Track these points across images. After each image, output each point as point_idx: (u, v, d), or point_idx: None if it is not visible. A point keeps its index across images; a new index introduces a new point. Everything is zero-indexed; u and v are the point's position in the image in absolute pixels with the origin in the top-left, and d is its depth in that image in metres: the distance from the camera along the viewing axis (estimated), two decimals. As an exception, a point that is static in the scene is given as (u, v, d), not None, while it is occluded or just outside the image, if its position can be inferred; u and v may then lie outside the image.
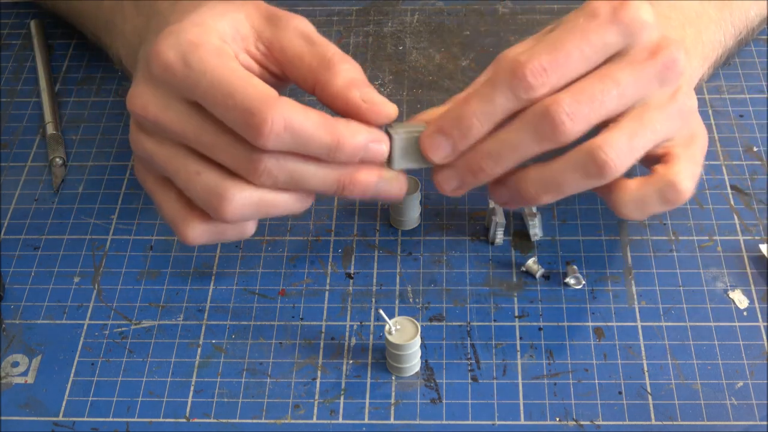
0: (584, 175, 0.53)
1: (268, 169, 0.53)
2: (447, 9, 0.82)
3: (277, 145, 0.52)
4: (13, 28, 0.81)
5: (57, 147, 0.70)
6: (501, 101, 0.54)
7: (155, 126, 0.55)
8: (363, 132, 0.54)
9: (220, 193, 0.54)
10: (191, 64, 0.53)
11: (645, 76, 0.54)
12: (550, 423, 0.55)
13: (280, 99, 0.52)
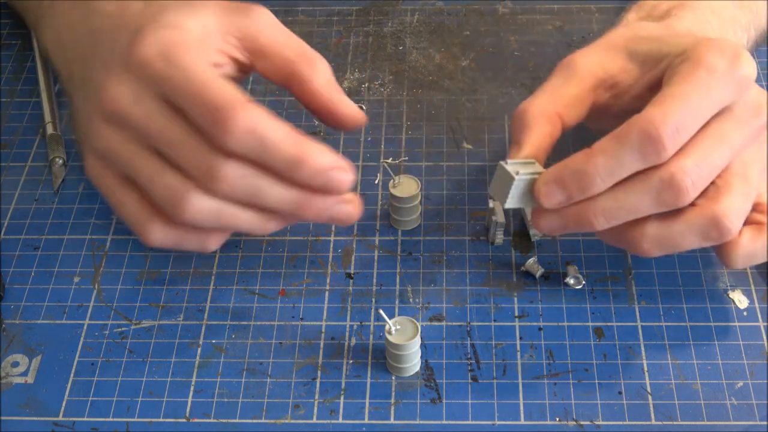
0: (704, 239, 0.54)
1: (228, 175, 0.53)
2: (447, 9, 0.82)
3: (240, 145, 0.52)
4: (13, 28, 0.81)
5: (57, 147, 0.70)
6: (628, 162, 0.53)
7: (123, 119, 0.55)
8: (329, 156, 0.54)
9: (181, 192, 0.54)
10: (171, 59, 0.54)
11: (750, 136, 0.55)
12: (550, 423, 0.55)
13: (251, 104, 0.53)
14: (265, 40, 0.57)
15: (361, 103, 0.73)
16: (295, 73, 0.57)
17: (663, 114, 0.52)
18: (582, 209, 0.54)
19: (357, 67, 0.76)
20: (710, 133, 0.54)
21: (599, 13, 0.81)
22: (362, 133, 0.71)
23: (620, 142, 0.53)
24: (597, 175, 0.53)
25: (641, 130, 0.52)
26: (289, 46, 0.58)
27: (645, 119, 0.52)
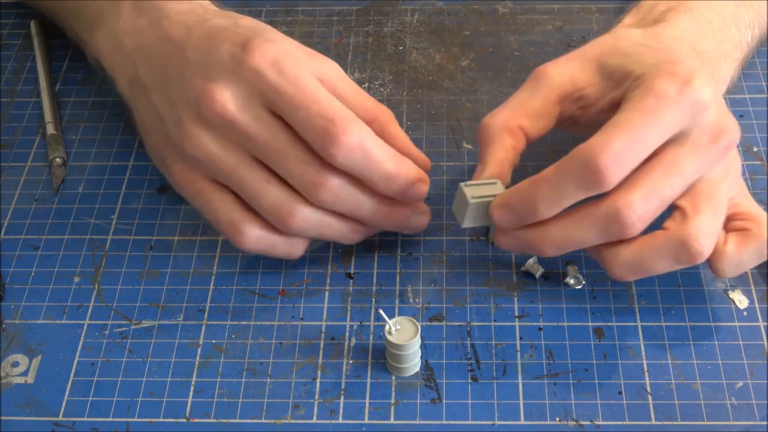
0: (676, 262, 0.55)
1: (333, 188, 0.56)
2: (447, 9, 0.82)
3: (347, 159, 0.55)
4: (13, 28, 0.81)
5: (57, 147, 0.70)
6: (570, 191, 0.54)
7: (228, 126, 0.57)
8: (416, 169, 0.58)
9: (289, 205, 0.57)
10: (284, 70, 0.56)
11: (707, 161, 0.55)
12: (550, 423, 0.55)
13: (359, 121, 0.56)
14: (345, 87, 0.59)
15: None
16: (377, 120, 0.59)
17: (602, 144, 0.52)
18: (533, 237, 0.56)
19: (357, 67, 0.76)
20: (662, 162, 0.54)
21: (599, 13, 0.81)
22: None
23: (562, 171, 0.54)
24: (540, 204, 0.55)
25: (581, 160, 0.53)
26: (366, 96, 0.60)
27: (585, 149, 0.53)
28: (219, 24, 0.60)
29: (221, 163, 0.57)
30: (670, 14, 0.62)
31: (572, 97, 0.59)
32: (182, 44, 0.60)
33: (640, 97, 0.54)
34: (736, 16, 0.65)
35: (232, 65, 0.57)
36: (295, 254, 0.60)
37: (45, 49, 0.78)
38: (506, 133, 0.59)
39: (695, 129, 0.54)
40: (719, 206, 0.55)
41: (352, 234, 0.60)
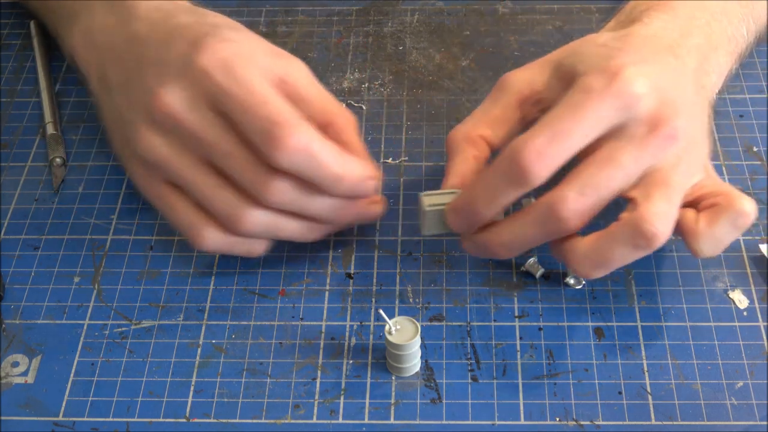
0: (634, 248, 0.54)
1: (279, 190, 0.56)
2: (447, 9, 0.82)
3: (291, 161, 0.55)
4: (13, 28, 0.81)
5: (57, 147, 0.70)
6: (502, 189, 0.55)
7: (176, 128, 0.57)
8: (364, 167, 0.58)
9: (239, 208, 0.57)
10: (232, 71, 0.56)
11: (648, 153, 0.55)
12: (550, 423, 0.55)
13: (305, 123, 0.55)
14: (306, 90, 0.59)
15: (361, 103, 0.74)
16: (334, 124, 0.59)
17: (525, 141, 0.54)
18: (485, 239, 0.58)
19: (357, 67, 0.76)
20: (598, 155, 0.55)
21: (599, 13, 0.81)
22: (362, 133, 0.71)
23: (493, 170, 0.55)
24: (479, 204, 0.56)
25: (507, 158, 0.54)
26: (328, 99, 0.60)
27: (510, 147, 0.54)
28: (181, 21, 0.60)
29: (173, 166, 0.58)
30: (648, 13, 0.62)
31: (531, 101, 0.60)
32: (143, 43, 0.60)
33: (568, 93, 0.55)
34: (726, 11, 0.65)
35: (182, 65, 0.57)
36: (256, 253, 0.60)
37: (45, 49, 0.78)
38: (468, 144, 0.60)
39: (631, 121, 0.54)
40: (672, 191, 0.55)
41: (308, 233, 0.60)
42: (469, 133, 0.61)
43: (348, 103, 0.73)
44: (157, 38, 0.59)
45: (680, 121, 0.55)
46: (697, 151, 0.58)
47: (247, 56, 0.57)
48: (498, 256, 0.59)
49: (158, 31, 0.60)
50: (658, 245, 0.54)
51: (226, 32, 0.58)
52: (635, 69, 0.55)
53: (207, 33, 0.58)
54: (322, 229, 0.61)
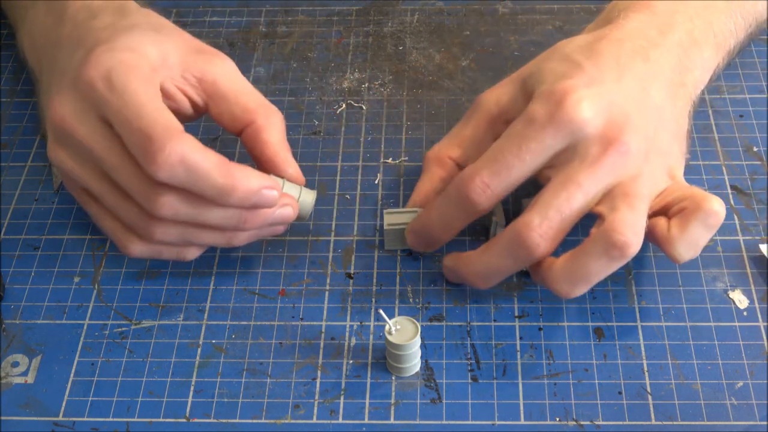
0: (609, 260, 0.55)
1: (166, 203, 0.55)
2: (447, 9, 0.82)
3: (170, 176, 0.54)
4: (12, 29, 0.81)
5: (57, 147, 0.70)
6: (454, 214, 0.58)
7: (69, 139, 0.57)
8: (257, 178, 0.56)
9: (146, 217, 0.56)
10: (113, 83, 0.55)
11: (603, 170, 0.56)
12: (550, 423, 0.55)
13: (183, 134, 0.54)
14: (227, 88, 0.59)
15: (361, 103, 0.74)
16: (253, 123, 0.59)
17: (472, 172, 0.56)
18: (460, 271, 0.59)
19: (357, 67, 0.76)
20: (556, 179, 0.56)
21: (599, 13, 0.80)
22: (362, 133, 0.71)
23: (444, 197, 0.59)
24: (434, 228, 0.60)
25: (455, 187, 0.57)
26: (250, 97, 0.60)
27: (459, 176, 0.57)
28: (96, 24, 0.60)
29: (80, 178, 0.58)
30: (626, 13, 0.62)
31: (501, 120, 0.61)
32: (63, 46, 0.60)
33: (513, 123, 0.57)
34: (710, 6, 0.65)
35: (75, 75, 0.56)
36: (188, 257, 0.60)
37: (45, 49, 0.78)
38: (436, 164, 0.63)
39: (581, 143, 0.56)
40: (635, 200, 0.55)
41: (227, 239, 0.58)
42: (439, 154, 0.63)
43: (348, 103, 0.73)
44: (69, 43, 0.59)
45: (633, 134, 0.56)
46: (660, 160, 0.58)
47: (134, 66, 0.56)
48: (476, 286, 0.60)
49: (75, 35, 0.60)
50: (632, 254, 0.54)
51: (124, 38, 0.57)
52: (580, 93, 0.55)
53: (102, 41, 0.57)
54: (242, 234, 0.59)
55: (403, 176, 0.68)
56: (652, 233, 0.57)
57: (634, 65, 0.59)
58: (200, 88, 0.59)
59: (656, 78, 0.60)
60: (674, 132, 0.60)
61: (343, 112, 0.73)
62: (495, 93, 0.62)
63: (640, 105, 0.58)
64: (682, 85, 0.61)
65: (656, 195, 0.57)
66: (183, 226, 0.57)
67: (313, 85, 0.75)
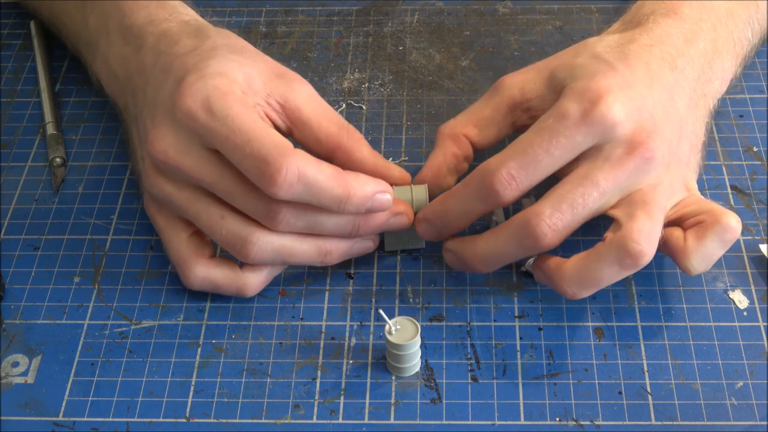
0: (621, 267, 0.55)
1: (285, 219, 0.56)
2: (447, 9, 0.82)
3: (290, 194, 0.54)
4: (13, 28, 0.81)
5: (57, 147, 0.70)
6: (473, 204, 0.57)
7: (173, 170, 0.57)
8: (371, 183, 0.57)
9: (244, 237, 0.57)
10: (214, 111, 0.55)
11: (624, 173, 0.56)
12: (550, 423, 0.55)
13: (295, 150, 0.55)
14: (309, 113, 0.59)
15: (361, 103, 0.74)
16: (341, 146, 0.60)
17: (499, 162, 0.56)
18: (463, 252, 0.59)
19: (357, 67, 0.76)
20: (575, 174, 0.56)
21: (599, 13, 0.81)
22: (362, 133, 0.71)
23: (466, 186, 0.58)
24: (451, 215, 0.59)
25: (479, 177, 0.56)
26: (332, 120, 0.60)
27: (484, 166, 0.56)
28: (179, 51, 0.60)
29: (176, 201, 0.58)
30: (653, 17, 0.62)
31: (522, 107, 0.61)
32: (148, 75, 0.60)
33: (544, 116, 0.56)
34: (732, 13, 0.65)
35: (170, 106, 0.56)
36: (247, 292, 0.60)
37: (45, 49, 0.78)
38: (450, 140, 0.62)
39: (608, 144, 0.56)
40: (653, 210, 0.56)
41: (321, 257, 0.59)
42: (454, 130, 0.62)
43: (348, 103, 0.73)
44: (157, 72, 0.60)
45: (660, 142, 0.56)
46: (680, 171, 0.58)
47: (228, 90, 0.56)
48: (476, 270, 0.60)
49: (159, 64, 0.60)
50: (645, 263, 0.55)
51: (213, 63, 0.57)
52: (615, 95, 0.55)
53: (191, 68, 0.57)
54: (338, 251, 0.59)
55: (403, 176, 0.68)
56: (666, 244, 0.57)
57: (663, 73, 0.59)
58: (283, 113, 0.59)
59: (682, 88, 0.60)
60: (693, 143, 0.60)
61: (343, 112, 0.73)
62: (519, 78, 0.61)
63: (666, 113, 0.58)
64: (703, 96, 0.61)
65: (673, 206, 0.57)
66: (286, 238, 0.57)
67: (313, 85, 0.74)
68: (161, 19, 0.63)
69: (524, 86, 0.60)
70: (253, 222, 0.57)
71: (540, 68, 0.61)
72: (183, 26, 0.63)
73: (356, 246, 0.60)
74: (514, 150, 0.56)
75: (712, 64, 0.62)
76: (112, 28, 0.65)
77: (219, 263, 0.59)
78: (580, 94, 0.56)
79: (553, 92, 0.58)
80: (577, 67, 0.58)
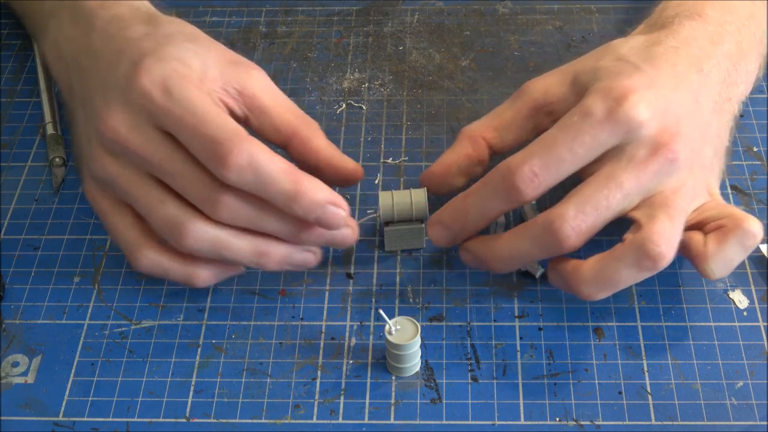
0: (639, 269, 0.55)
1: (228, 206, 0.55)
2: (447, 9, 0.82)
3: (239, 179, 0.54)
4: (13, 28, 0.81)
5: (57, 147, 0.70)
6: (493, 202, 0.57)
7: (122, 149, 0.57)
8: (325, 191, 0.55)
9: (181, 222, 0.56)
10: (171, 92, 0.55)
11: (647, 174, 0.55)
12: (550, 423, 0.55)
13: (250, 137, 0.54)
14: (267, 101, 0.59)
15: (361, 103, 0.74)
16: (297, 134, 0.59)
17: (521, 160, 0.55)
18: (482, 252, 0.59)
19: (357, 67, 0.76)
20: (599, 175, 0.56)
21: (599, 13, 0.81)
22: (362, 133, 0.71)
23: (486, 184, 0.57)
24: (469, 214, 0.58)
25: (500, 174, 0.56)
26: (289, 109, 0.60)
27: (505, 164, 0.56)
28: (131, 35, 0.60)
29: (119, 183, 0.58)
30: (678, 20, 0.62)
31: (545, 110, 0.60)
32: (98, 58, 0.60)
33: (569, 113, 0.56)
34: (754, 14, 0.65)
35: (124, 86, 0.56)
36: (195, 282, 0.59)
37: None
38: (468, 141, 0.62)
39: (631, 144, 0.55)
40: (675, 212, 0.55)
41: (258, 258, 0.58)
42: (473, 132, 0.62)
43: (348, 103, 0.73)
44: (107, 54, 0.59)
45: (683, 144, 0.56)
46: (703, 175, 0.58)
47: (186, 74, 0.56)
48: (494, 270, 0.60)
49: (110, 46, 0.60)
50: (664, 266, 0.54)
51: (170, 49, 0.57)
52: (640, 94, 0.55)
53: (147, 51, 0.57)
54: (277, 255, 0.58)
55: (403, 176, 0.68)
56: (686, 247, 0.56)
57: (688, 75, 0.58)
58: (240, 100, 0.59)
59: (707, 91, 0.59)
60: (717, 147, 0.60)
61: (343, 112, 0.73)
62: (543, 82, 0.61)
63: (692, 116, 0.57)
64: (728, 100, 0.61)
65: (694, 209, 0.57)
66: (223, 231, 0.56)
67: (313, 85, 0.75)
68: (112, 3, 0.63)
69: (547, 89, 0.60)
70: (193, 209, 0.56)
71: (563, 71, 0.60)
72: (134, 11, 0.62)
73: (296, 255, 0.58)
74: (538, 147, 0.55)
75: (738, 66, 0.62)
76: (64, 11, 0.65)
77: (169, 249, 0.58)
78: (605, 92, 0.55)
79: (577, 95, 0.58)
80: (602, 69, 0.57)
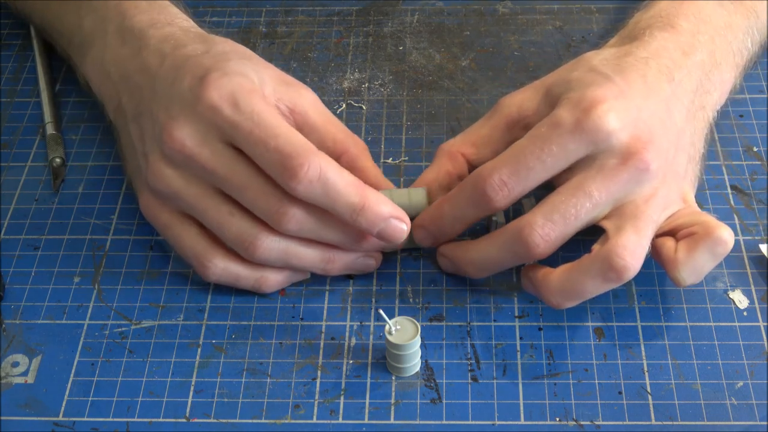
0: (604, 280, 0.55)
1: (295, 219, 0.56)
2: (447, 9, 0.82)
3: (308, 192, 0.55)
4: (13, 28, 0.81)
5: (57, 147, 0.70)
6: (466, 209, 0.58)
7: (188, 162, 0.57)
8: (389, 205, 0.57)
9: (253, 234, 0.57)
10: (240, 105, 0.56)
11: (617, 184, 0.56)
12: (550, 423, 0.55)
13: (318, 151, 0.55)
14: (317, 119, 0.60)
15: (361, 103, 0.74)
16: (347, 152, 0.61)
17: (491, 168, 0.56)
18: (456, 256, 0.60)
19: (357, 67, 0.76)
20: (569, 184, 0.56)
21: (599, 13, 0.81)
22: (362, 133, 0.71)
23: (460, 191, 0.58)
24: (445, 220, 0.59)
25: (472, 182, 0.57)
26: (338, 127, 0.61)
27: (477, 172, 0.57)
28: (189, 52, 0.60)
29: (184, 197, 0.58)
30: (649, 31, 0.62)
31: (520, 125, 0.61)
32: (154, 75, 0.60)
33: (540, 124, 0.56)
34: (730, 24, 0.65)
35: (191, 100, 0.57)
36: (264, 288, 0.60)
37: (45, 49, 0.78)
38: (446, 158, 0.62)
39: (602, 153, 0.56)
40: (643, 223, 0.56)
41: (324, 264, 0.59)
42: (452, 148, 0.63)
43: (348, 103, 0.73)
44: (166, 71, 0.60)
45: (655, 153, 0.56)
46: (676, 183, 0.58)
47: (253, 88, 0.57)
48: (469, 275, 0.60)
49: (168, 63, 0.60)
50: (629, 278, 0.55)
51: (231, 64, 0.58)
52: (609, 104, 0.55)
53: (212, 67, 0.58)
54: (341, 262, 0.60)
55: (403, 176, 0.68)
56: (658, 253, 0.57)
57: (659, 85, 0.59)
58: (291, 118, 0.60)
59: (679, 100, 0.60)
60: (691, 155, 0.60)
61: (343, 112, 0.73)
62: (517, 97, 0.61)
63: (663, 125, 0.58)
64: (701, 108, 0.61)
65: (666, 218, 0.57)
66: (291, 242, 0.58)
67: (313, 85, 0.75)
68: (163, 23, 0.64)
69: (522, 104, 0.61)
70: (261, 222, 0.57)
71: (537, 86, 0.61)
72: (185, 32, 0.63)
73: (359, 261, 0.60)
74: (507, 156, 0.56)
75: (711, 75, 0.62)
76: (109, 30, 0.65)
77: (238, 256, 0.59)
78: (574, 103, 0.56)
79: (550, 107, 0.58)
80: (573, 80, 0.58)
